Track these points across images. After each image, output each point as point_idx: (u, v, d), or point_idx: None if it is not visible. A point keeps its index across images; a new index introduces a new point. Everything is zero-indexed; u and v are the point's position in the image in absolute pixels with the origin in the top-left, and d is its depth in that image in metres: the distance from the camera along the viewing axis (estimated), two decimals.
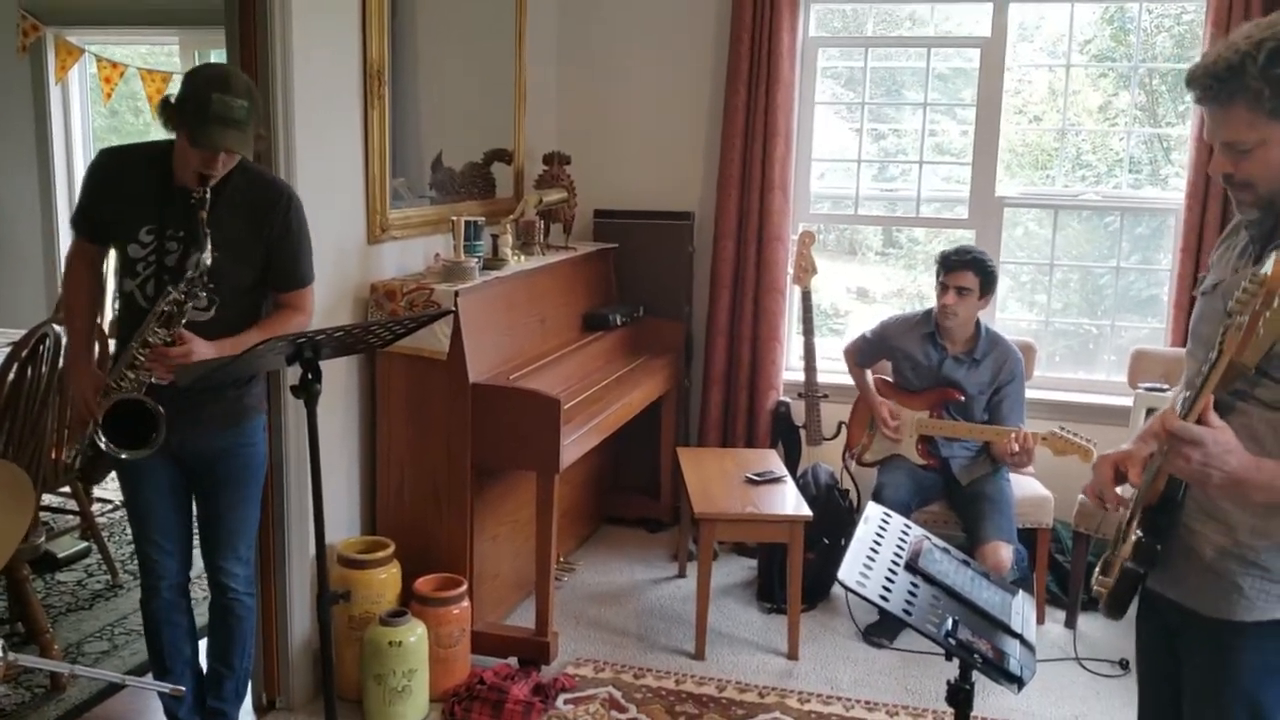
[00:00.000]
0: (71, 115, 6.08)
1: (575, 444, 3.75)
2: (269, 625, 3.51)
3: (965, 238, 4.92)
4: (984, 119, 4.84)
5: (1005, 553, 3.88)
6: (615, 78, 5.14)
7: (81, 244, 2.90)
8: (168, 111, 2.65)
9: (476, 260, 3.83)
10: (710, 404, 5.05)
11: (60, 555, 4.49)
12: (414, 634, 3.43)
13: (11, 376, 3.60)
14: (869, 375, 4.43)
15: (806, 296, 4.72)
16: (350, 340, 2.74)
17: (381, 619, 3.43)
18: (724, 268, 4.96)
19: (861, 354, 4.42)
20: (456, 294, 3.58)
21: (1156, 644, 2.10)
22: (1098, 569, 2.06)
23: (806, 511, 3.91)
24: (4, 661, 1.62)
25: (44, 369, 3.64)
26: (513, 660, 3.77)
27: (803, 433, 4.79)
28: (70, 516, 4.57)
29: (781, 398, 4.97)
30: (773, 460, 4.45)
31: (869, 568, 2.37)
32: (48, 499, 4.59)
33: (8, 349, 3.70)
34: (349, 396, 3.69)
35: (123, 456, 2.68)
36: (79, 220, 2.88)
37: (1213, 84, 1.74)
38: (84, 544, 4.57)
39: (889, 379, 4.40)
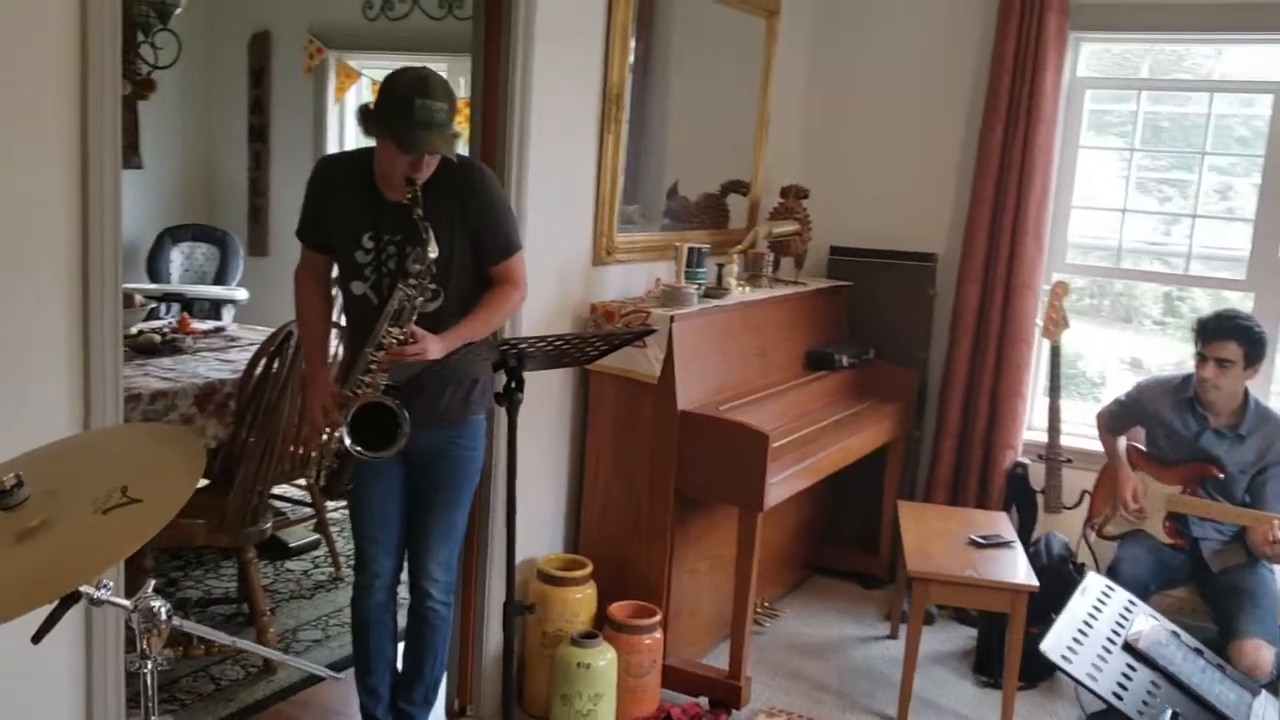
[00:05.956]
0: (346, 133, 6.51)
1: (782, 484, 3.61)
2: (466, 633, 3.55)
3: (1238, 301, 4.45)
4: (1273, 170, 4.38)
5: (1266, 652, 3.43)
6: (863, 112, 4.99)
7: (308, 256, 2.97)
8: (369, 118, 2.68)
9: (697, 287, 3.78)
10: (941, 459, 4.77)
11: (292, 544, 4.73)
12: (603, 658, 3.38)
13: (259, 371, 3.84)
14: (1121, 442, 4.07)
15: (1055, 352, 4.40)
16: (551, 351, 2.73)
17: (573, 639, 3.40)
18: (966, 314, 4.69)
19: (1114, 418, 4.06)
20: (672, 319, 3.54)
21: None
22: None
23: (1032, 581, 3.60)
24: (168, 625, 1.65)
25: (287, 363, 3.85)
26: (703, 700, 3.66)
27: (1040, 498, 4.45)
28: (306, 508, 4.81)
29: (1020, 458, 4.64)
30: (1002, 524, 4.14)
31: (1079, 642, 2.14)
32: (287, 490, 4.86)
33: None
34: (562, 413, 3.70)
35: (372, 458, 2.70)
36: (304, 230, 2.94)
37: None
38: (315, 536, 4.80)
39: (1142, 447, 4.02)
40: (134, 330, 4.47)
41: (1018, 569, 3.70)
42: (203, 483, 4.00)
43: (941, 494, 4.76)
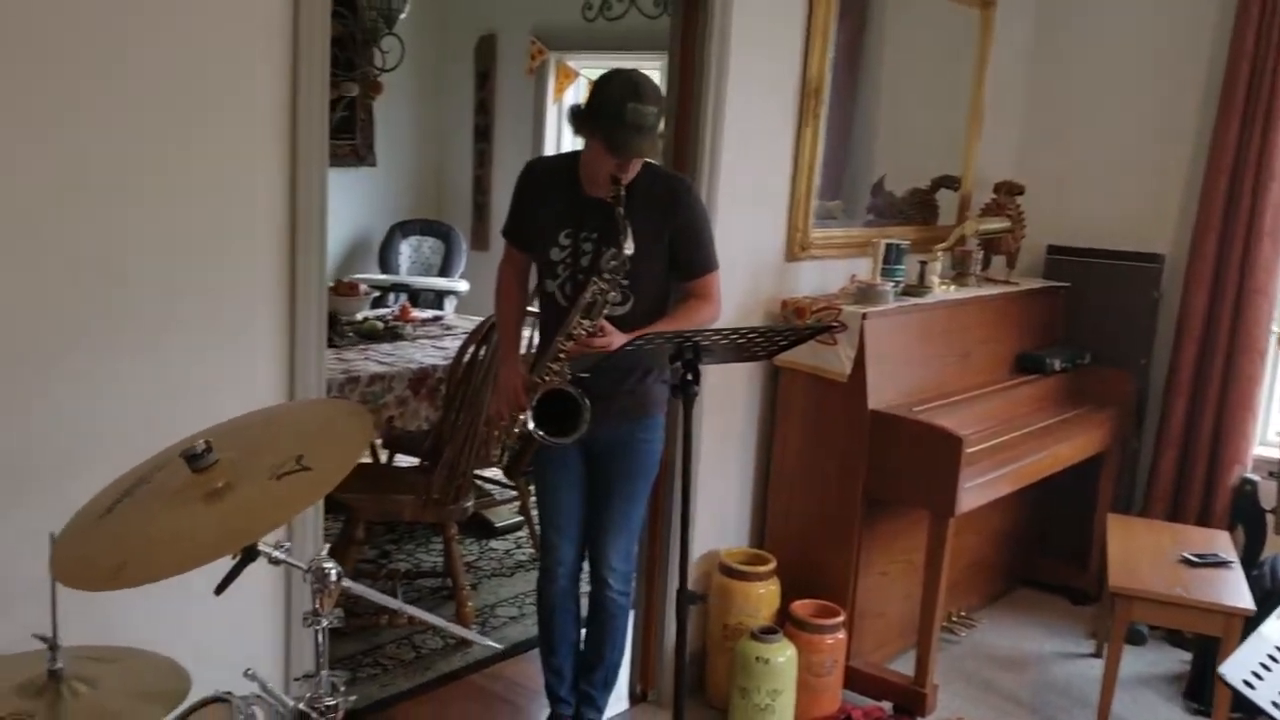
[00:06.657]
0: (564, 133, 6.66)
1: (977, 490, 3.50)
2: (649, 621, 3.63)
3: None
4: None
5: None
6: (1086, 105, 4.73)
7: (511, 252, 3.11)
8: (580, 119, 2.77)
9: (893, 285, 3.70)
10: (1160, 471, 4.49)
11: (497, 525, 4.94)
12: (783, 655, 3.38)
13: (467, 358, 4.03)
14: None
15: None
16: (729, 345, 2.74)
17: (753, 633, 3.41)
18: (1193, 320, 4.40)
19: None
20: (864, 316, 3.48)
21: None
22: None
23: (1248, 605, 3.36)
24: (337, 586, 1.78)
25: (492, 351, 4.02)
26: (887, 705, 3.60)
27: (1270, 518, 4.13)
28: (511, 490, 5.01)
29: (1249, 475, 4.31)
30: (1222, 543, 3.86)
31: (1268, 669, 1.99)
32: (495, 474, 5.08)
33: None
34: (750, 408, 3.72)
35: (555, 442, 2.82)
36: (509, 230, 3.08)
37: None
38: (519, 518, 4.99)
39: None
40: (359, 317, 4.78)
41: (1233, 591, 3.45)
42: (415, 461, 4.29)
43: (1160, 508, 4.48)
